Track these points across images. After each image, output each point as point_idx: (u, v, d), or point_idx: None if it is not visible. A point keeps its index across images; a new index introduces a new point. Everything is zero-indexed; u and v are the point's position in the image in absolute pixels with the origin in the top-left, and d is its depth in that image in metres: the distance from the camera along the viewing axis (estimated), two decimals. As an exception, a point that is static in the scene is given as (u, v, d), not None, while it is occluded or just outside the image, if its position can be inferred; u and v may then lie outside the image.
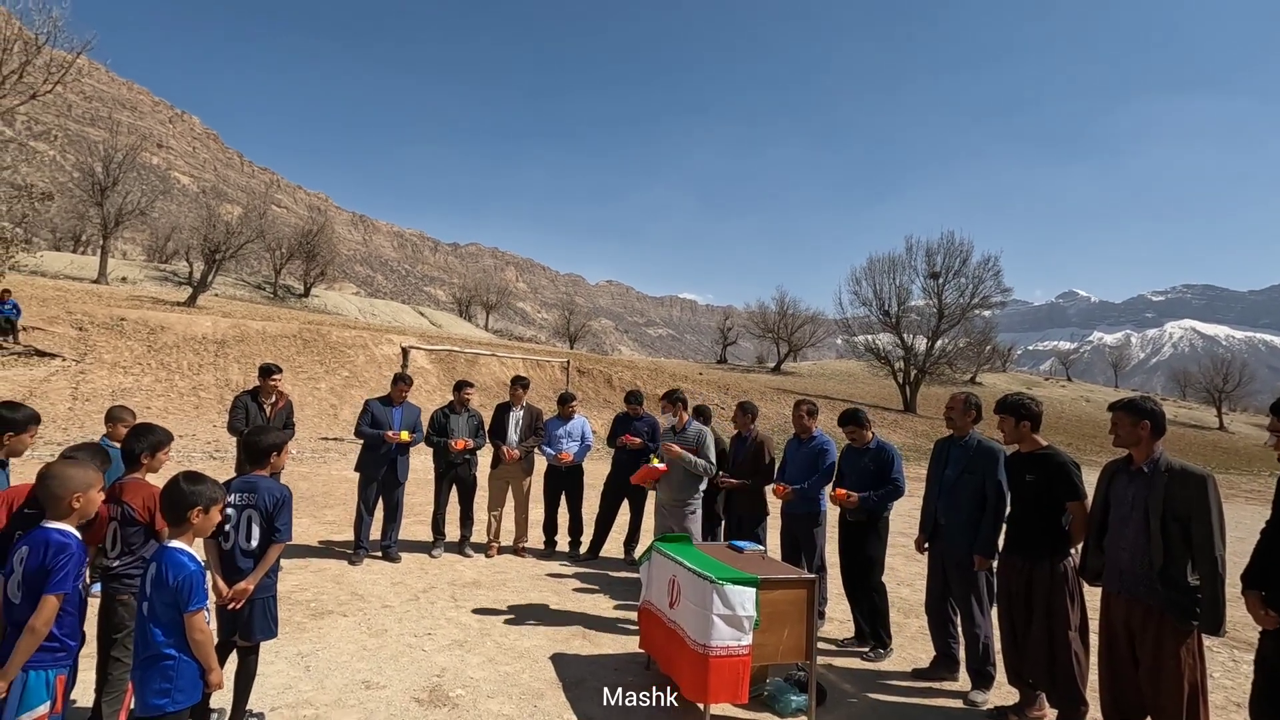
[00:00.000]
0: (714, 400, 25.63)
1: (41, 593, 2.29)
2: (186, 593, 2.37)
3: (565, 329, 60.03)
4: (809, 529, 5.13)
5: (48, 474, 2.48)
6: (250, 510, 3.20)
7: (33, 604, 2.30)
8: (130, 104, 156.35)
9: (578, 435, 7.13)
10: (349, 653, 4.36)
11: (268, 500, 3.22)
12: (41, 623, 2.28)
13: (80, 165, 42.60)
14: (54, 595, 2.30)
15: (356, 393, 17.84)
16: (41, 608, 2.28)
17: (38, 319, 16.57)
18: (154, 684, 2.35)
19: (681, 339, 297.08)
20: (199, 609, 2.40)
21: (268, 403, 6.09)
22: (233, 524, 3.16)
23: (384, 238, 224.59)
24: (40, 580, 2.30)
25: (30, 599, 2.31)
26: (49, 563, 2.32)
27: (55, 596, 2.31)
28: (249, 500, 3.21)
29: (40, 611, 2.28)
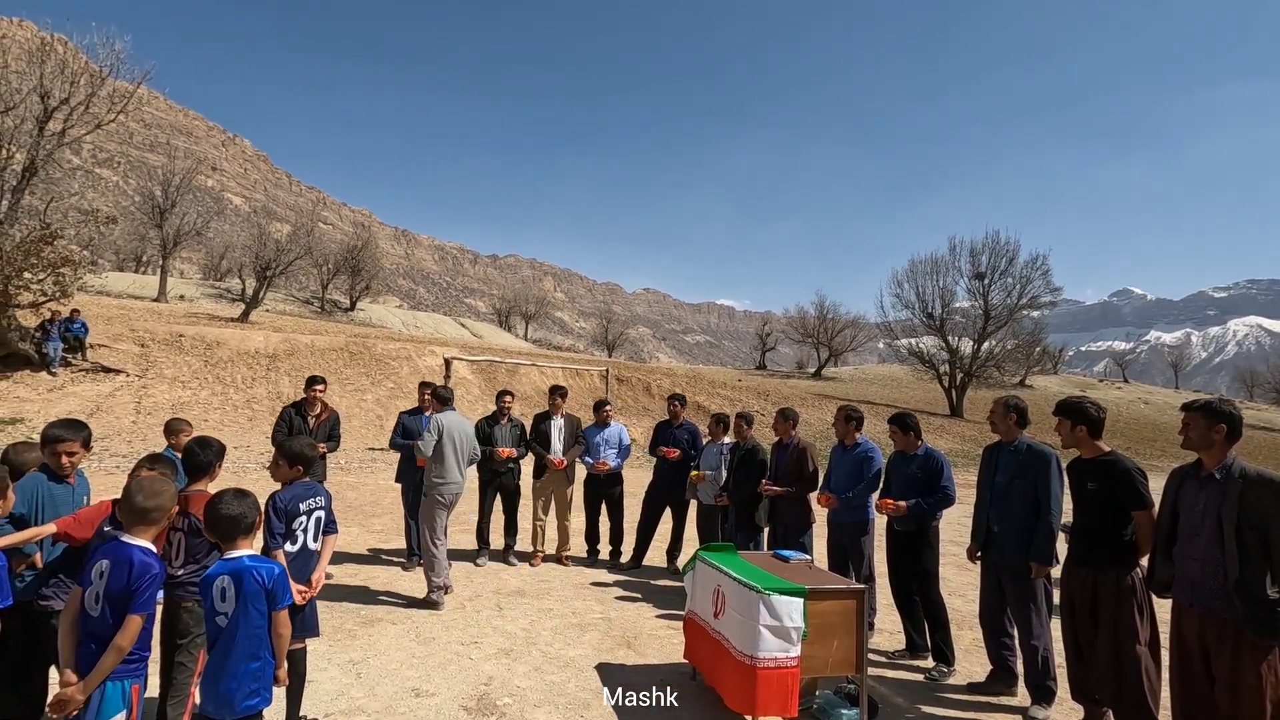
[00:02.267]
0: (753, 407, 25.39)
1: (126, 612, 2.39)
2: (280, 591, 2.57)
3: (603, 337, 60.29)
4: (857, 537, 5.02)
5: (137, 488, 2.59)
6: (319, 512, 3.44)
7: (114, 618, 2.40)
8: (186, 129, 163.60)
9: (615, 443, 7.14)
10: (399, 660, 4.43)
11: (326, 501, 3.50)
12: (126, 641, 2.38)
13: (141, 189, 44.67)
14: (139, 615, 2.41)
15: (402, 403, 18.20)
16: (126, 627, 2.38)
17: (104, 337, 17.39)
18: (248, 685, 2.51)
19: (719, 345, 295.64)
20: (287, 605, 2.57)
21: (312, 414, 6.21)
22: (302, 527, 3.30)
23: (425, 251, 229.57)
24: (125, 600, 2.40)
25: (113, 614, 2.41)
26: (133, 584, 2.41)
27: (140, 616, 2.41)
28: (317, 504, 3.43)
29: (125, 630, 2.38)
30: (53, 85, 15.15)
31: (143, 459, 3.38)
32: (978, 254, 33.03)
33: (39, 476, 3.10)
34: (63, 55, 16.18)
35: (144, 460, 3.35)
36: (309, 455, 3.49)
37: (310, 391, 6.24)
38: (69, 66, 16.17)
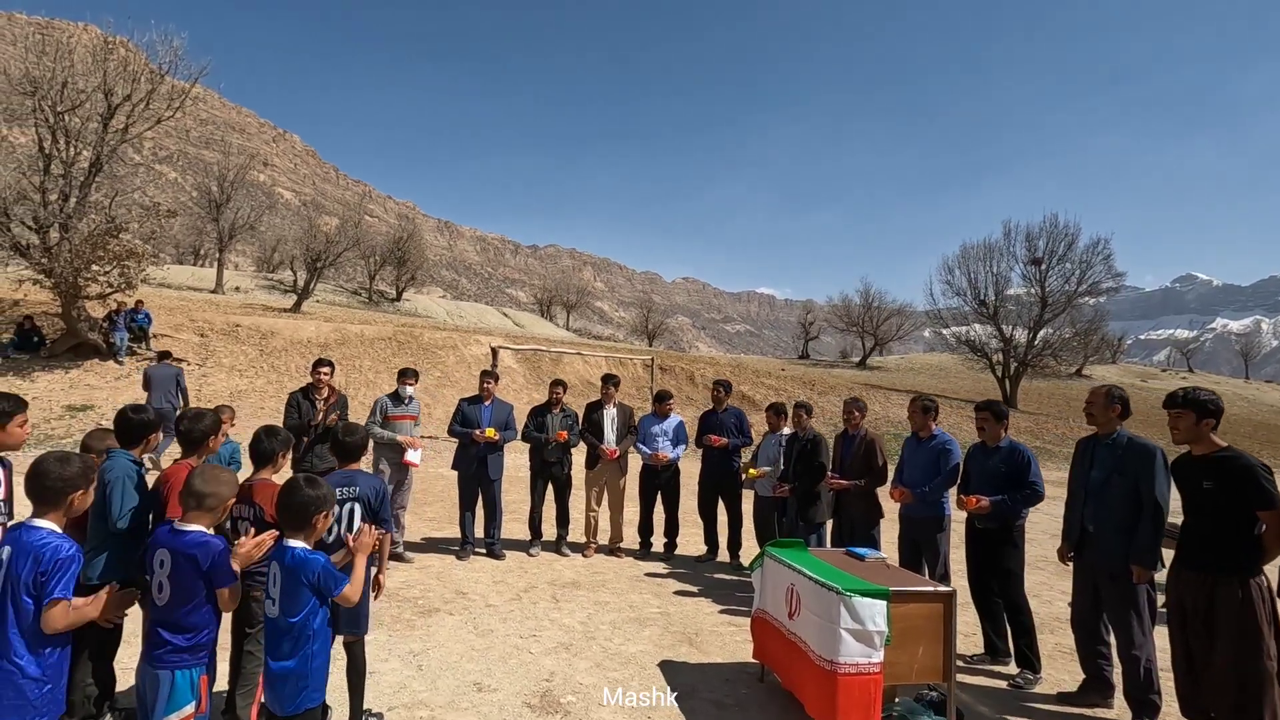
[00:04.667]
0: (799, 396, 24.93)
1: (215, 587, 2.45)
2: (333, 581, 2.51)
3: (643, 327, 60.13)
4: (932, 534, 4.75)
5: (196, 475, 2.55)
6: (352, 503, 3.32)
7: (180, 602, 2.39)
8: (239, 126, 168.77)
9: (674, 434, 6.97)
10: (458, 653, 4.36)
11: (371, 493, 3.39)
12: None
13: (198, 185, 46.18)
14: (227, 589, 2.47)
15: (448, 392, 18.38)
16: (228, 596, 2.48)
17: (166, 327, 17.98)
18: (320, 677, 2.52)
19: (760, 335, 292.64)
20: (343, 588, 2.54)
21: (320, 397, 6.18)
22: (335, 516, 3.21)
23: (467, 242, 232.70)
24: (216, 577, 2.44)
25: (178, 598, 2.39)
26: (218, 564, 2.44)
27: (229, 589, 2.48)
28: (351, 494, 3.33)
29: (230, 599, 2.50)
30: (115, 83, 15.59)
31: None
32: (1034, 239, 31.68)
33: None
34: (124, 55, 16.64)
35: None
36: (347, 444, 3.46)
37: (316, 375, 6.21)
38: (130, 65, 16.65)
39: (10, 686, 2.17)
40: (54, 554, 2.23)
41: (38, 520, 2.32)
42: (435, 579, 5.87)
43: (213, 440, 3.41)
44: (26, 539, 2.26)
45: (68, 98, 14.95)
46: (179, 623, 2.37)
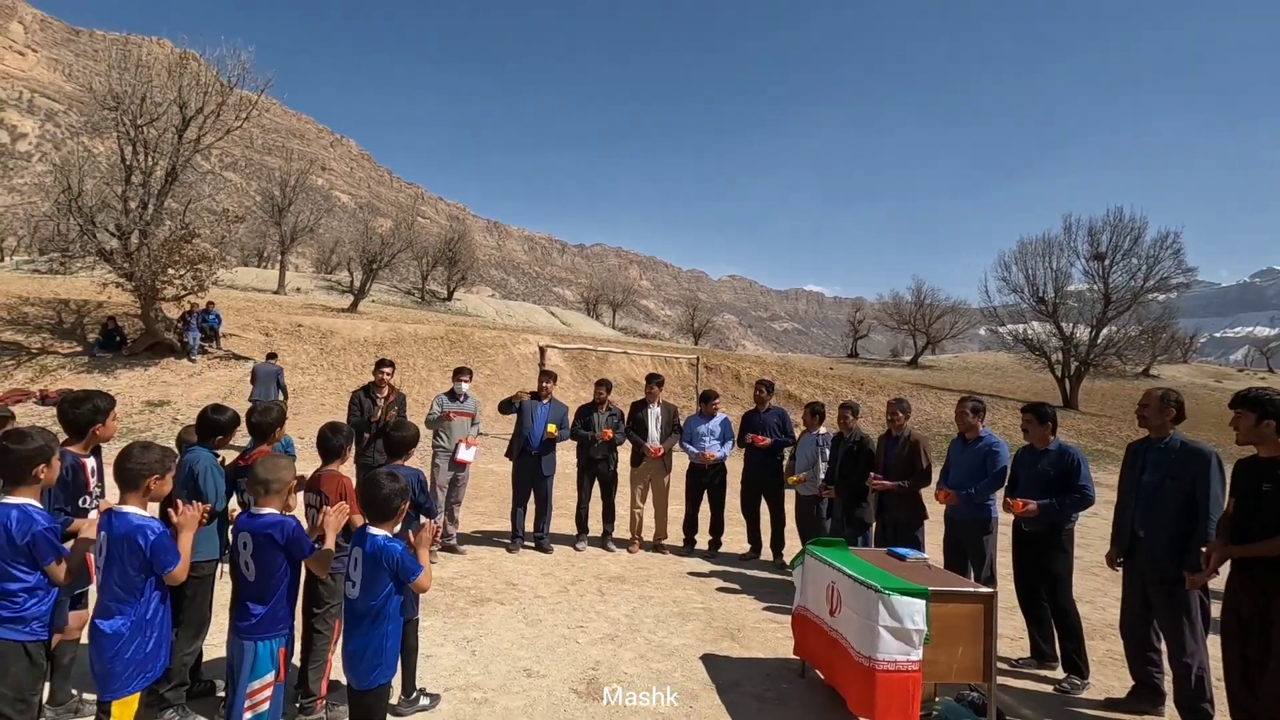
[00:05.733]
0: (848, 396, 24.58)
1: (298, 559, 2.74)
2: (409, 568, 2.69)
3: (689, 325, 60.06)
4: (978, 536, 4.73)
5: (259, 464, 2.81)
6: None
7: (265, 578, 2.65)
8: (299, 133, 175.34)
9: (720, 433, 7.06)
10: (509, 640, 4.57)
11: (414, 485, 3.68)
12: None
13: (261, 190, 48.24)
14: (310, 558, 2.75)
15: (498, 390, 18.83)
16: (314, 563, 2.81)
17: (234, 327, 18.95)
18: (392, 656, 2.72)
19: (808, 332, 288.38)
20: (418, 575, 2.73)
21: (380, 396, 6.46)
22: None
23: (516, 242, 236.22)
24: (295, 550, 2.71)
25: (263, 574, 2.65)
26: (295, 537, 2.70)
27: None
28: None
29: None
30: (189, 96, 16.51)
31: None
32: (1097, 233, 30.39)
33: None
34: (196, 69, 17.59)
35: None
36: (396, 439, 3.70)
37: (378, 374, 6.53)
38: (201, 79, 17.59)
39: (110, 644, 2.47)
40: (149, 534, 2.50)
41: (124, 505, 2.59)
42: (487, 570, 6.11)
43: (277, 432, 3.68)
44: (118, 524, 2.53)
45: (146, 111, 15.90)
46: (264, 598, 2.62)
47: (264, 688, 2.59)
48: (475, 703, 3.69)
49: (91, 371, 15.45)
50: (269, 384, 12.64)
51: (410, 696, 3.48)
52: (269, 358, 13.87)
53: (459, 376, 6.89)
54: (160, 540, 2.51)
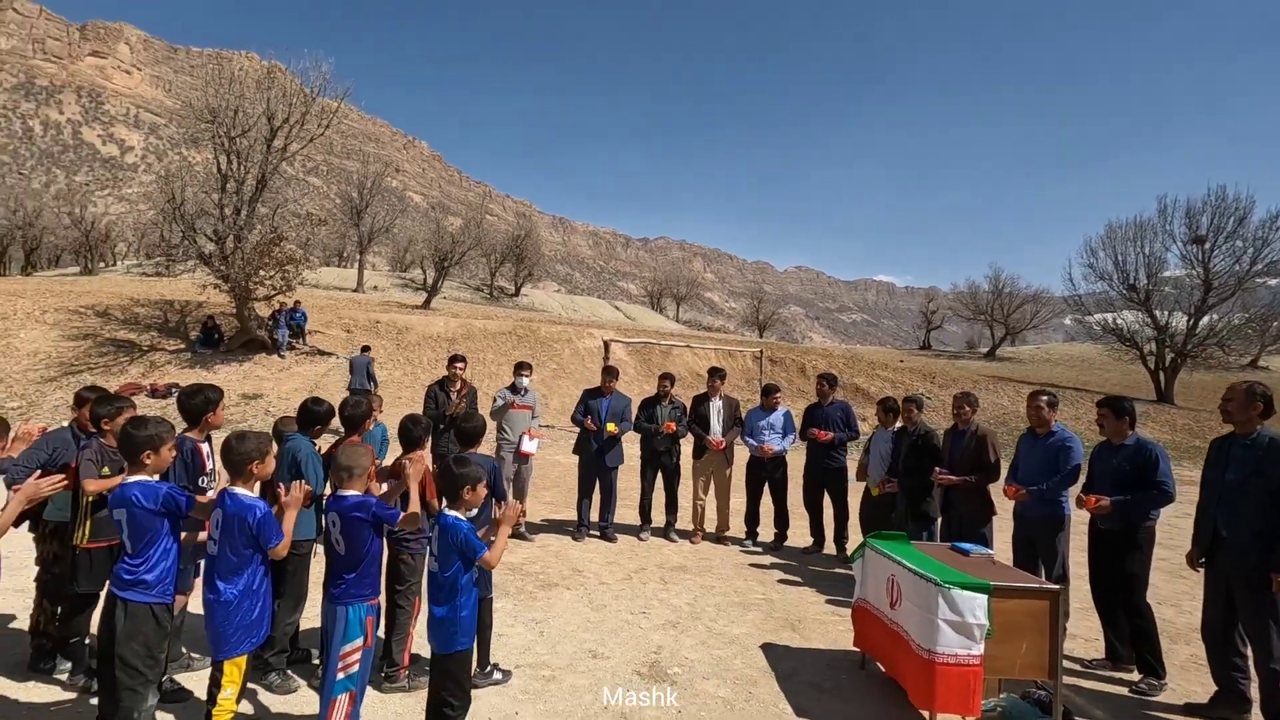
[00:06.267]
0: (918, 389, 23.87)
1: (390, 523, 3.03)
2: (472, 547, 2.89)
3: (754, 317, 59.43)
4: (1049, 534, 4.60)
5: (341, 453, 3.10)
6: None
7: (354, 551, 2.94)
8: (374, 136, 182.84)
9: (780, 427, 7.08)
10: (575, 623, 4.77)
11: (489, 472, 3.91)
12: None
13: (340, 193, 50.68)
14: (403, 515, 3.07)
15: (564, 383, 19.29)
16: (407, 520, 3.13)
17: (318, 324, 20.09)
18: (469, 626, 2.94)
19: (878, 324, 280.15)
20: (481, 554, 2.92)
21: (454, 389, 6.76)
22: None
23: (580, 237, 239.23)
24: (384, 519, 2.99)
25: (350, 548, 2.93)
26: (382, 513, 2.98)
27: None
28: None
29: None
30: (276, 107, 17.57)
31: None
32: (1196, 215, 28.20)
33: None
34: (284, 82, 18.69)
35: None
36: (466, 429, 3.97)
37: (452, 369, 6.84)
38: (285, 90, 18.68)
39: (223, 611, 2.78)
40: (256, 512, 2.80)
41: (234, 487, 2.90)
42: (553, 557, 6.36)
43: (368, 422, 3.99)
44: (230, 503, 2.84)
45: (239, 123, 17.03)
46: (352, 569, 2.91)
47: (354, 651, 2.86)
48: (544, 679, 3.90)
49: (194, 367, 16.73)
50: (361, 374, 14.02)
51: (485, 670, 3.73)
52: (363, 350, 15.07)
53: (520, 371, 7.14)
54: (266, 518, 2.80)
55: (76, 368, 15.80)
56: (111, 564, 3.08)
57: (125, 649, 2.79)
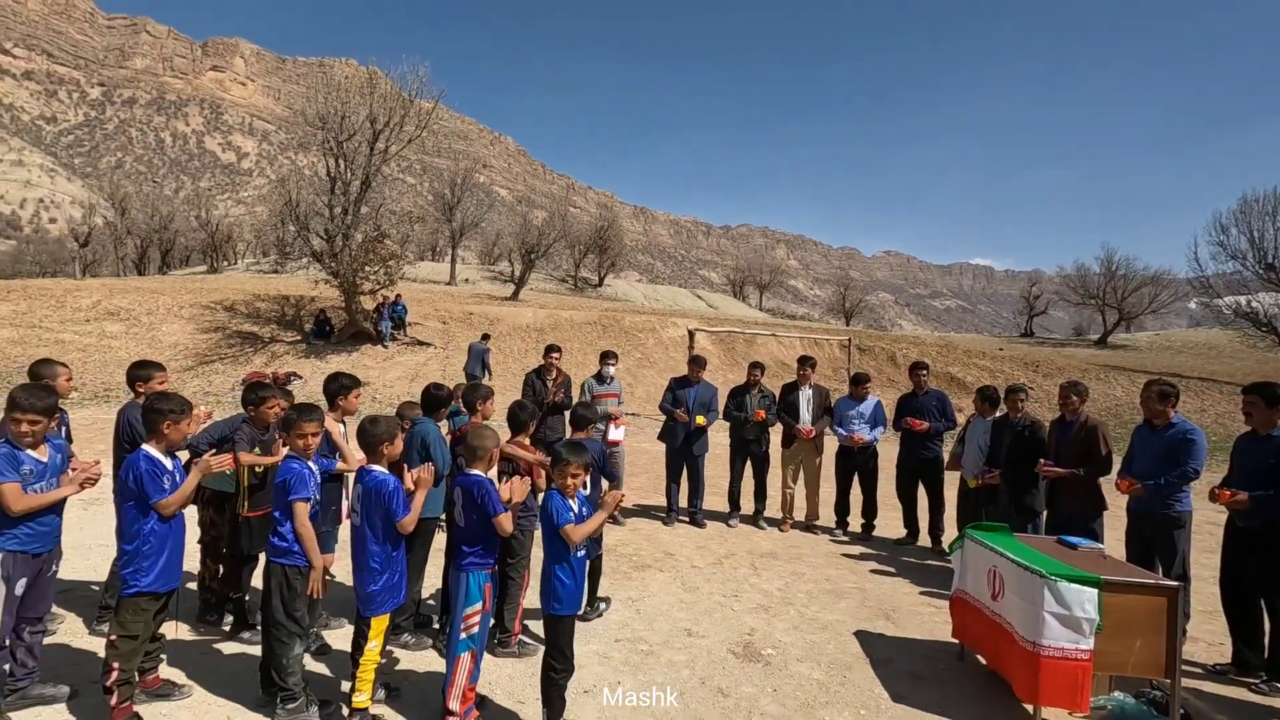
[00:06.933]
0: (1019, 379, 22.62)
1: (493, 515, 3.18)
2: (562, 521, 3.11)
3: (840, 305, 57.83)
4: (1167, 531, 4.37)
5: (471, 435, 3.36)
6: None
7: (474, 525, 3.20)
8: (463, 134, 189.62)
9: (871, 416, 6.98)
10: (669, 603, 4.95)
11: (596, 454, 4.33)
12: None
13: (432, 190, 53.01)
14: (503, 514, 3.20)
15: (648, 372, 19.54)
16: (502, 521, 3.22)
17: (417, 316, 21.22)
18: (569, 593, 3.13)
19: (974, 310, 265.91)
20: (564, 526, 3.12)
21: (550, 378, 7.05)
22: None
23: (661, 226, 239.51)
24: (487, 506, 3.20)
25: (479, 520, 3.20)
26: (488, 498, 3.19)
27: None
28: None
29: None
30: (378, 112, 18.62)
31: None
32: (1351, 183, 25.21)
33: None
34: (385, 88, 19.77)
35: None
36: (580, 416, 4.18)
37: (548, 358, 7.15)
38: (385, 94, 19.76)
39: (369, 574, 3.12)
40: (389, 487, 3.12)
41: (371, 465, 3.22)
42: (645, 540, 6.57)
43: (483, 405, 4.28)
44: (368, 479, 3.17)
45: (345, 128, 18.17)
46: (473, 541, 3.18)
47: (474, 614, 3.14)
48: (642, 653, 4.10)
49: (308, 357, 18.09)
50: (476, 361, 15.01)
51: (593, 606, 4.30)
52: (483, 338, 16.21)
53: (606, 360, 7.35)
54: (397, 492, 3.12)
55: (209, 358, 17.43)
56: (267, 531, 3.51)
57: (274, 604, 3.19)
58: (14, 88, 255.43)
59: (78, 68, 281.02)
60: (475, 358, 15.06)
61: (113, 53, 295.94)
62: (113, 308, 19.70)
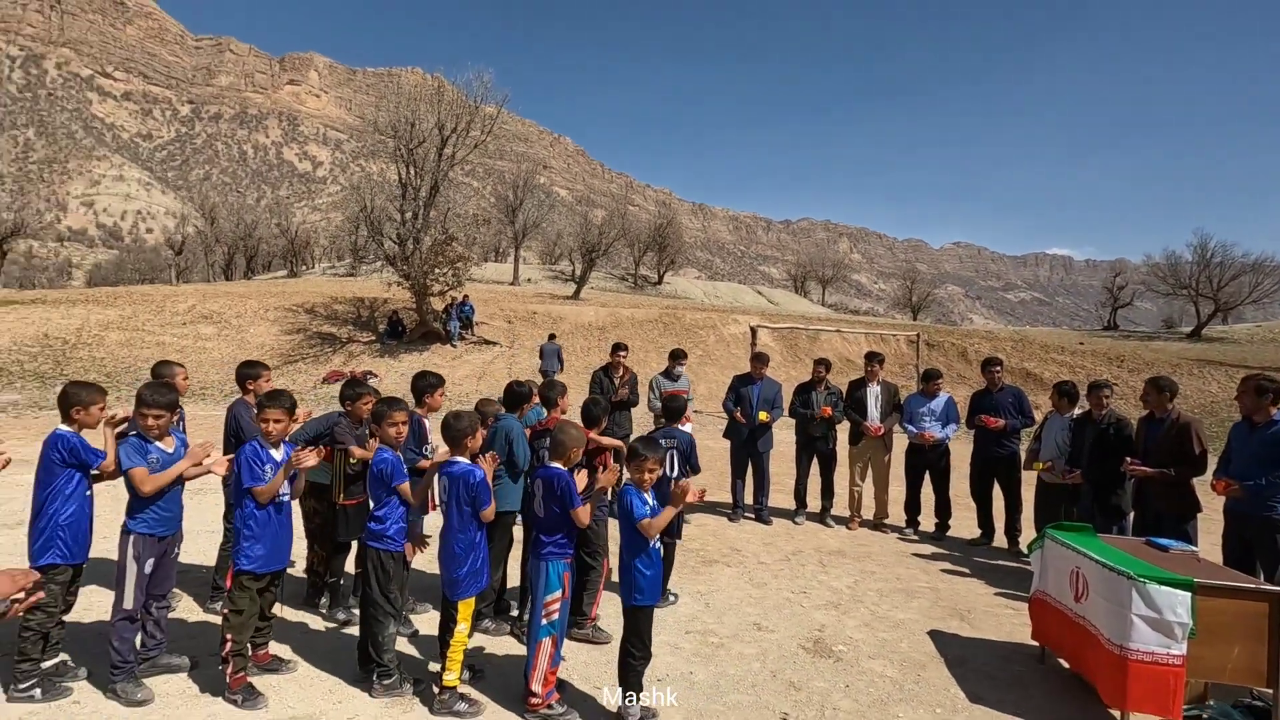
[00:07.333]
0: (1102, 375, 21.49)
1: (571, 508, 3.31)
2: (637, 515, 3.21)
3: (906, 299, 56.14)
4: (1269, 534, 4.12)
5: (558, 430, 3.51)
6: (673, 450, 4.65)
7: (551, 515, 3.34)
8: (524, 136, 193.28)
9: (942, 413, 6.83)
10: (738, 598, 5.00)
11: (685, 444, 4.59)
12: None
13: (495, 192, 54.27)
14: (581, 508, 3.33)
15: (710, 369, 19.53)
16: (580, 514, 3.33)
17: (483, 316, 21.86)
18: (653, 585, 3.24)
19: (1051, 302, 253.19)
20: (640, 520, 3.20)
21: (617, 375, 7.16)
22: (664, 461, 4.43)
23: (720, 222, 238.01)
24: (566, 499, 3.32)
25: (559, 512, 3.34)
26: (566, 491, 3.31)
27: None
28: (673, 444, 4.65)
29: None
30: (445, 118, 19.26)
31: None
32: None
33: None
34: (452, 96, 20.43)
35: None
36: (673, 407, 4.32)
37: (615, 356, 7.27)
38: (452, 102, 20.42)
39: (454, 560, 3.32)
40: (474, 478, 3.30)
41: (455, 456, 3.41)
42: (712, 536, 6.63)
43: (561, 401, 4.45)
44: (454, 470, 3.35)
45: (415, 135, 18.89)
46: (552, 531, 3.32)
47: (554, 601, 3.28)
48: (713, 646, 4.18)
49: (383, 356, 18.89)
50: (552, 358, 15.71)
51: (663, 596, 4.50)
52: (550, 338, 16.84)
53: (676, 359, 7.44)
54: (482, 483, 3.29)
55: (293, 358, 18.43)
56: (362, 519, 3.77)
57: (371, 586, 3.42)
58: (115, 108, 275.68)
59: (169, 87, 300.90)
60: (549, 356, 15.79)
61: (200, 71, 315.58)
62: (206, 311, 21.07)
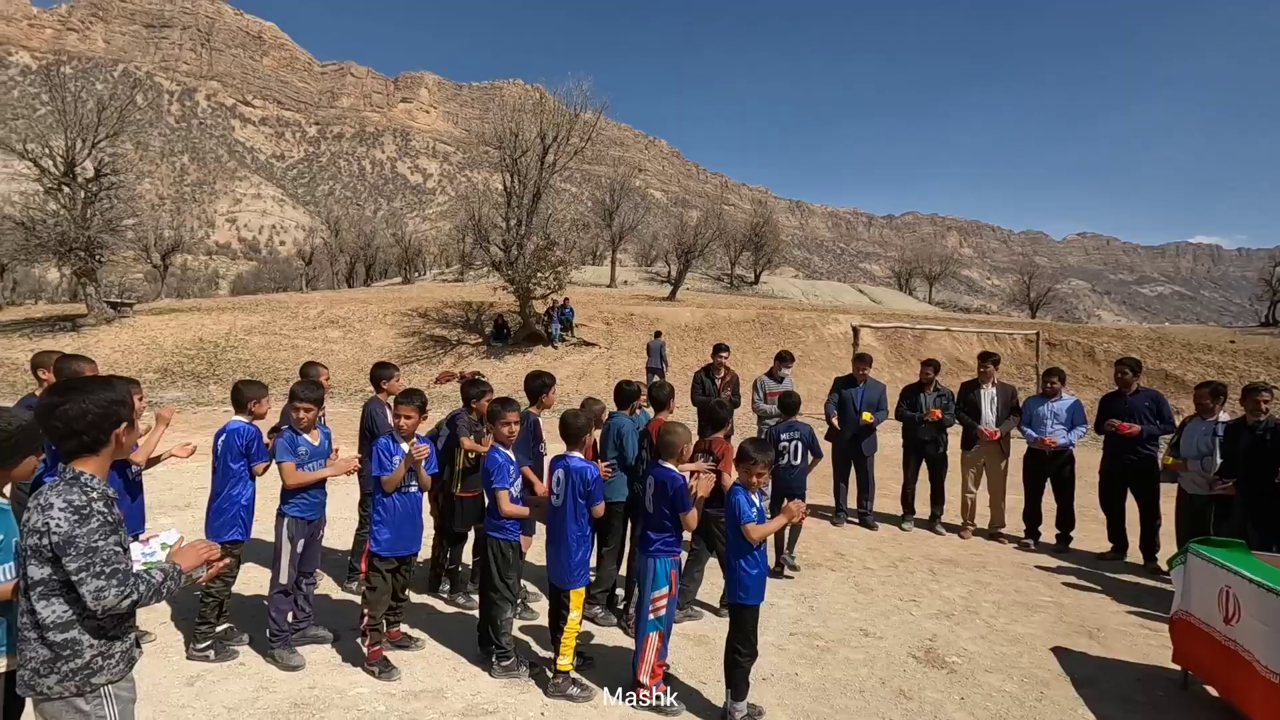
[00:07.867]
0: (1257, 375, 19.22)
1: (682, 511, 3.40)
2: (745, 519, 3.22)
3: (1024, 295, 52.39)
4: None
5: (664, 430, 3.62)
6: (796, 441, 5.29)
7: (659, 514, 3.45)
8: (619, 141, 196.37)
9: (1066, 417, 6.39)
10: (842, 602, 4.92)
11: (807, 435, 5.06)
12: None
13: (591, 196, 55.51)
14: (691, 512, 3.43)
15: (808, 370, 19.11)
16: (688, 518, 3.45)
17: (582, 318, 22.44)
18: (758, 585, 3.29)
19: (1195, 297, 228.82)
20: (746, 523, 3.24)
21: (718, 376, 7.14)
22: (788, 450, 5.20)
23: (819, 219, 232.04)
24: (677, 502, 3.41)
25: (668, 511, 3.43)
26: (677, 492, 3.41)
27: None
28: (795, 435, 5.30)
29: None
30: (547, 128, 19.95)
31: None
32: None
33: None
34: (553, 106, 21.14)
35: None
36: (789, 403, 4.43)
37: (716, 358, 7.27)
38: (553, 112, 21.11)
39: (567, 550, 3.49)
40: (590, 474, 3.46)
41: (570, 452, 3.58)
42: (814, 539, 6.52)
43: (670, 401, 4.58)
44: (568, 463, 3.52)
45: (518, 145, 19.68)
46: (659, 528, 3.42)
47: (661, 598, 3.38)
48: (818, 649, 4.14)
49: (489, 358, 19.80)
50: (656, 356, 16.33)
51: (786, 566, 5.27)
52: (655, 335, 17.49)
53: (783, 362, 7.38)
54: (597, 480, 3.45)
55: (409, 359, 19.67)
56: (479, 510, 4.02)
57: (490, 574, 3.66)
58: (254, 133, 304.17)
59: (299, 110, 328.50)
60: (654, 354, 16.34)
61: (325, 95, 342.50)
62: (333, 316, 22.86)
